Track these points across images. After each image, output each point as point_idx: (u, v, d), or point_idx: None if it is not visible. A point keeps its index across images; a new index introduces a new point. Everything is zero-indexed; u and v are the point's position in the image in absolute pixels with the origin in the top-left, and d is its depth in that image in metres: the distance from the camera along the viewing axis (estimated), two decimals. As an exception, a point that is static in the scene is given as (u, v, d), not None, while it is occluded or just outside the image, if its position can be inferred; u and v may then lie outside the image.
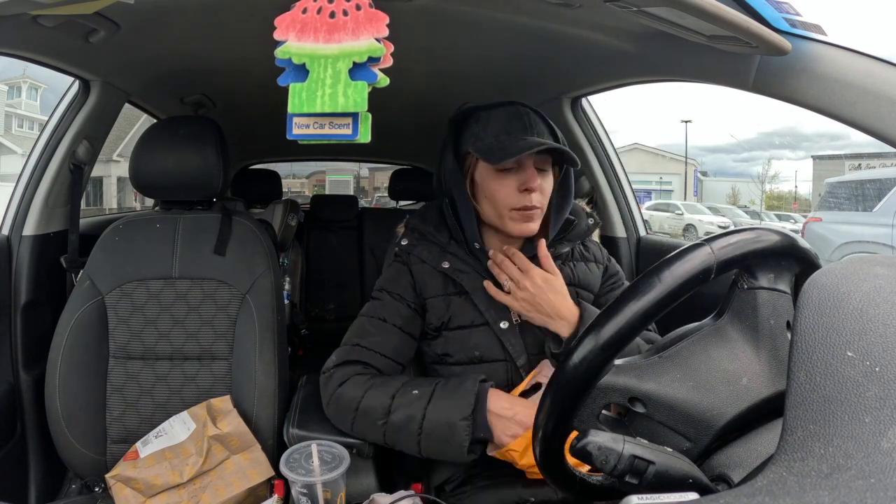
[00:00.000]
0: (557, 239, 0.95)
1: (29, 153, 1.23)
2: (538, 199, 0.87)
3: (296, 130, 0.49)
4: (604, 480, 0.55)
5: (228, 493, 0.93)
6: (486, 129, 0.89)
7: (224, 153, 1.14)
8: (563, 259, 0.97)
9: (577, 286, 0.96)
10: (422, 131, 1.94)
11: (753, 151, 49.23)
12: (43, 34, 0.87)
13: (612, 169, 1.47)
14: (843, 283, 0.32)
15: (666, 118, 58.42)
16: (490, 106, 0.91)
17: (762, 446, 0.48)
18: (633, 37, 0.89)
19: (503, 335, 0.90)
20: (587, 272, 0.98)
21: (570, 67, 1.15)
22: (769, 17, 0.64)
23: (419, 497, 0.77)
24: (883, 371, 0.27)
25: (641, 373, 0.53)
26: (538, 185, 0.87)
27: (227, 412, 1.00)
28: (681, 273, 0.48)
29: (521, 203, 0.87)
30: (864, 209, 5.62)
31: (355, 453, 0.88)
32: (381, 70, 0.45)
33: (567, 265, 0.97)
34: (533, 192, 0.86)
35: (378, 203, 8.31)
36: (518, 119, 0.88)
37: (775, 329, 0.52)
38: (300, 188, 13.13)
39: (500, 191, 0.88)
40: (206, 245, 1.11)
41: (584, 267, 0.99)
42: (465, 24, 0.95)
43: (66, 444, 1.02)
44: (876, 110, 0.62)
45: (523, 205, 0.87)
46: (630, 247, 1.47)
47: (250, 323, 1.07)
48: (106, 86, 1.20)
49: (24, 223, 1.18)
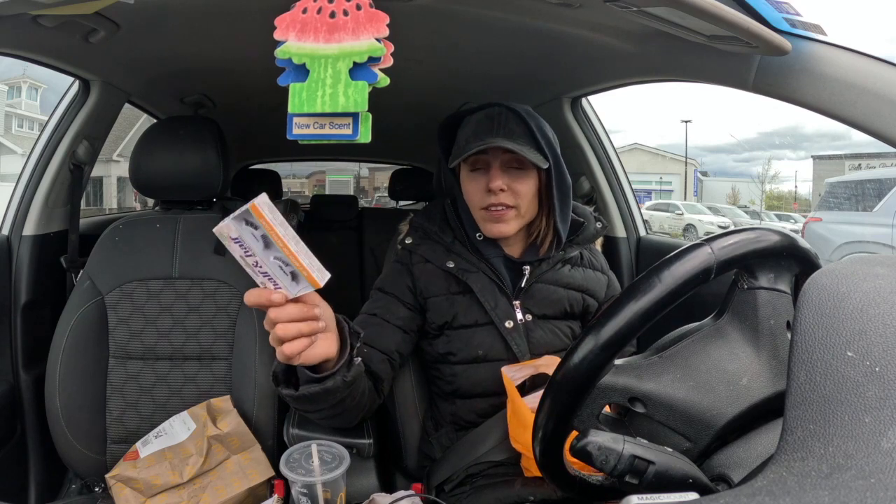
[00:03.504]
0: (567, 241, 0.95)
1: (29, 153, 1.23)
2: (506, 198, 0.88)
3: (296, 130, 0.50)
4: (604, 480, 0.55)
5: (228, 493, 0.93)
6: (464, 131, 0.92)
7: (224, 153, 1.14)
8: (572, 263, 0.97)
9: (584, 292, 0.96)
10: (422, 131, 1.94)
11: (753, 151, 49.25)
12: (43, 34, 0.87)
13: (612, 169, 1.47)
14: (843, 283, 0.32)
15: (666, 118, 58.41)
16: (473, 109, 0.93)
17: (762, 446, 0.48)
18: (633, 37, 0.89)
19: (508, 334, 0.90)
20: (595, 279, 0.99)
21: (569, 67, 1.15)
22: (769, 17, 0.64)
23: (419, 497, 0.77)
24: (883, 371, 0.27)
25: (641, 373, 0.53)
26: (501, 185, 0.87)
27: (227, 412, 1.00)
28: (681, 273, 0.48)
29: (486, 202, 0.89)
30: (864, 209, 5.62)
31: (355, 453, 0.88)
32: (381, 70, 0.45)
33: (576, 269, 0.97)
34: (498, 192, 0.87)
35: (378, 203, 8.31)
36: (489, 120, 0.89)
37: (775, 329, 0.52)
38: (300, 188, 13.12)
39: (469, 191, 0.92)
40: (206, 245, 1.11)
41: (592, 274, 0.99)
42: (465, 24, 0.95)
43: (66, 444, 1.02)
44: (876, 110, 0.62)
45: (488, 203, 0.89)
46: (630, 247, 1.47)
47: (250, 323, 1.07)
48: (106, 86, 1.20)
49: (24, 223, 1.18)
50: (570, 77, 1.24)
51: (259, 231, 0.52)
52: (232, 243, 0.53)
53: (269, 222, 0.52)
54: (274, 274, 0.55)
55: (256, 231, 0.52)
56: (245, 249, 0.54)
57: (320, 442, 0.76)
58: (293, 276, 0.55)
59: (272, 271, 0.55)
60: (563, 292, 0.94)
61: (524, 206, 0.90)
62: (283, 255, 0.54)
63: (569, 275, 0.96)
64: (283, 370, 0.70)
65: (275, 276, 0.56)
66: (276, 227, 0.52)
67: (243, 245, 0.53)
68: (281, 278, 0.56)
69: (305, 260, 0.54)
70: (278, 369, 0.70)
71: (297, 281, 0.56)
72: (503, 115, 0.89)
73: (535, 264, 0.94)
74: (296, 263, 0.54)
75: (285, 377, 0.70)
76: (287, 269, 0.55)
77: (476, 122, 0.90)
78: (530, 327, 0.92)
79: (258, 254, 0.54)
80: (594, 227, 0.99)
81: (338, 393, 0.69)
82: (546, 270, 0.94)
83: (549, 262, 0.94)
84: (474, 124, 0.90)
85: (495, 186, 0.87)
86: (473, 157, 0.89)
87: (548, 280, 0.94)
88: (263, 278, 0.56)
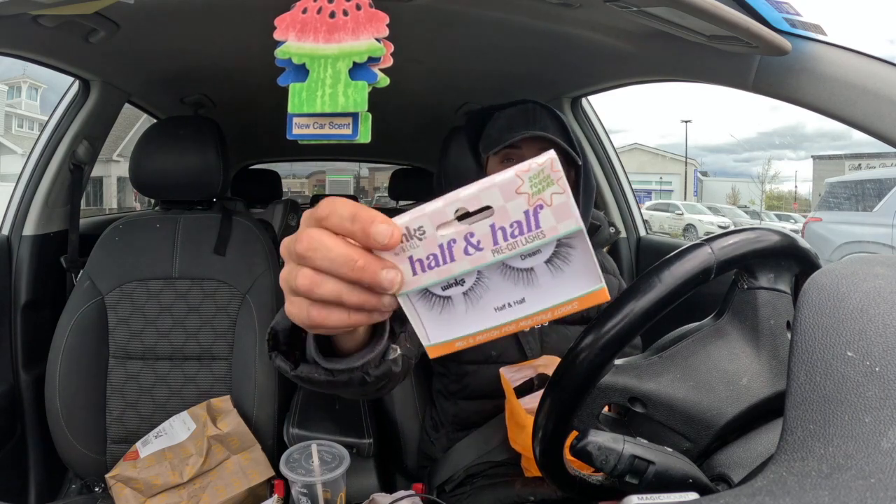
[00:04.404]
0: None
1: (29, 153, 1.23)
2: None
3: (296, 130, 0.49)
4: (604, 480, 0.55)
5: (228, 493, 0.93)
6: (495, 126, 0.91)
7: (224, 153, 1.14)
8: None
9: None
10: (422, 131, 1.94)
11: (753, 151, 49.20)
12: (43, 34, 0.87)
13: (612, 169, 1.47)
14: (843, 283, 0.32)
15: (666, 118, 58.38)
16: (503, 105, 0.93)
17: (762, 446, 0.48)
18: (633, 37, 0.89)
19: (522, 335, 0.90)
20: (609, 283, 0.98)
21: (569, 67, 1.15)
22: (769, 17, 0.64)
23: (419, 497, 0.77)
24: (883, 371, 0.27)
25: (641, 373, 0.53)
26: None
27: (227, 412, 1.00)
28: (681, 273, 0.48)
29: None
30: (864, 209, 5.62)
31: (355, 453, 0.88)
32: (381, 70, 0.45)
33: None
34: None
35: (378, 203, 8.31)
36: (524, 114, 0.89)
37: (775, 329, 0.52)
38: (300, 188, 13.10)
39: None
40: (206, 245, 1.11)
41: (606, 277, 0.98)
42: (465, 24, 0.95)
43: (66, 444, 1.02)
44: (876, 110, 0.62)
45: None
46: (630, 247, 1.47)
47: (250, 323, 1.07)
48: (106, 86, 1.20)
49: (24, 223, 1.18)
50: (570, 77, 1.24)
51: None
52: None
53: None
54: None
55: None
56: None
57: (320, 442, 0.76)
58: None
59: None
60: None
61: None
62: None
63: None
64: (287, 331, 0.45)
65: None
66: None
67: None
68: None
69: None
70: (280, 327, 0.45)
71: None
72: (537, 111, 0.89)
73: None
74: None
75: (287, 340, 0.45)
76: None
77: (510, 116, 0.90)
78: (545, 331, 0.92)
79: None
80: (608, 231, 1.00)
81: (350, 387, 0.47)
82: None
83: None
84: (508, 118, 0.90)
85: None
86: (506, 150, 0.89)
87: None
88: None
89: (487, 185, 0.28)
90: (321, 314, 0.32)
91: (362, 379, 0.45)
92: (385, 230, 0.29)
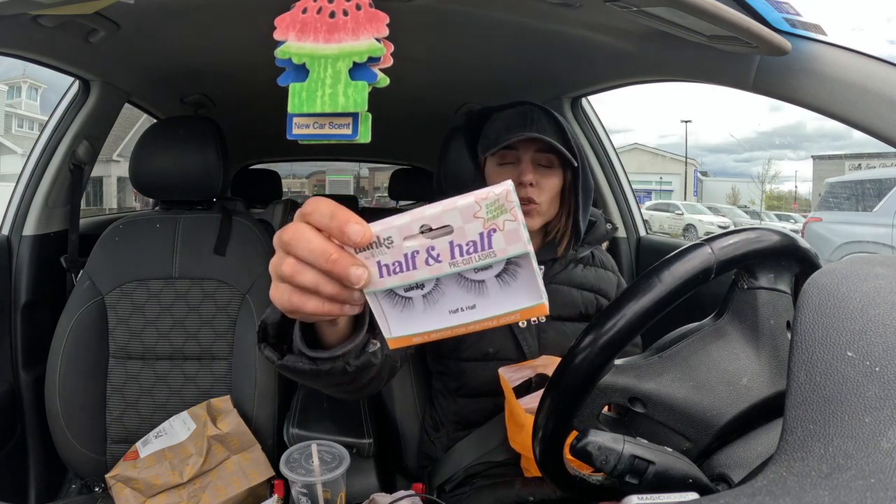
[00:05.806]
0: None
1: (29, 153, 1.23)
2: (533, 194, 0.88)
3: (296, 130, 0.49)
4: (604, 480, 0.55)
5: (228, 493, 0.93)
6: (492, 127, 0.91)
7: (224, 153, 1.14)
8: (584, 262, 0.97)
9: (596, 292, 0.96)
10: (422, 131, 1.94)
11: (753, 151, 49.17)
12: (43, 34, 0.87)
13: (613, 169, 1.47)
14: (844, 284, 0.32)
15: (666, 118, 58.36)
16: (501, 107, 0.93)
17: (762, 446, 0.48)
18: (633, 37, 0.89)
19: (520, 333, 0.90)
20: (606, 279, 0.99)
21: (570, 67, 1.15)
22: (769, 17, 0.64)
23: (419, 497, 0.77)
24: (883, 371, 0.27)
25: (641, 373, 0.53)
26: (531, 179, 0.87)
27: (227, 412, 1.00)
28: (681, 273, 0.48)
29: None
30: (864, 209, 5.62)
31: (355, 453, 0.88)
32: (381, 70, 0.45)
33: (588, 268, 0.97)
34: (526, 186, 0.87)
35: (378, 203, 8.31)
36: (521, 115, 0.89)
37: (775, 329, 0.52)
38: (300, 188, 13.10)
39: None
40: (206, 245, 1.11)
41: (604, 273, 0.99)
42: (465, 24, 0.95)
43: (66, 444, 1.02)
44: (876, 110, 0.62)
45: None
46: (630, 247, 1.47)
47: (250, 323, 1.07)
48: (106, 86, 1.20)
49: (24, 223, 1.18)
50: (571, 77, 1.24)
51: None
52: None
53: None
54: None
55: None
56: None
57: (320, 442, 0.76)
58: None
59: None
60: (578, 294, 0.94)
61: (546, 204, 0.90)
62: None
63: (581, 275, 0.96)
64: (277, 324, 0.49)
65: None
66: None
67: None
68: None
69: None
70: (269, 320, 0.49)
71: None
72: (535, 112, 0.89)
73: (549, 264, 0.94)
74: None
75: (277, 332, 0.49)
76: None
77: (508, 117, 0.90)
78: (542, 328, 0.92)
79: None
80: (605, 227, 1.00)
81: (333, 377, 0.51)
82: (559, 271, 0.94)
83: (562, 262, 0.95)
84: (506, 119, 0.90)
85: (527, 179, 0.87)
86: (503, 150, 0.89)
87: (562, 281, 0.94)
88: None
89: (450, 207, 0.32)
90: (301, 299, 0.36)
91: (343, 369, 0.49)
92: (358, 230, 0.33)
